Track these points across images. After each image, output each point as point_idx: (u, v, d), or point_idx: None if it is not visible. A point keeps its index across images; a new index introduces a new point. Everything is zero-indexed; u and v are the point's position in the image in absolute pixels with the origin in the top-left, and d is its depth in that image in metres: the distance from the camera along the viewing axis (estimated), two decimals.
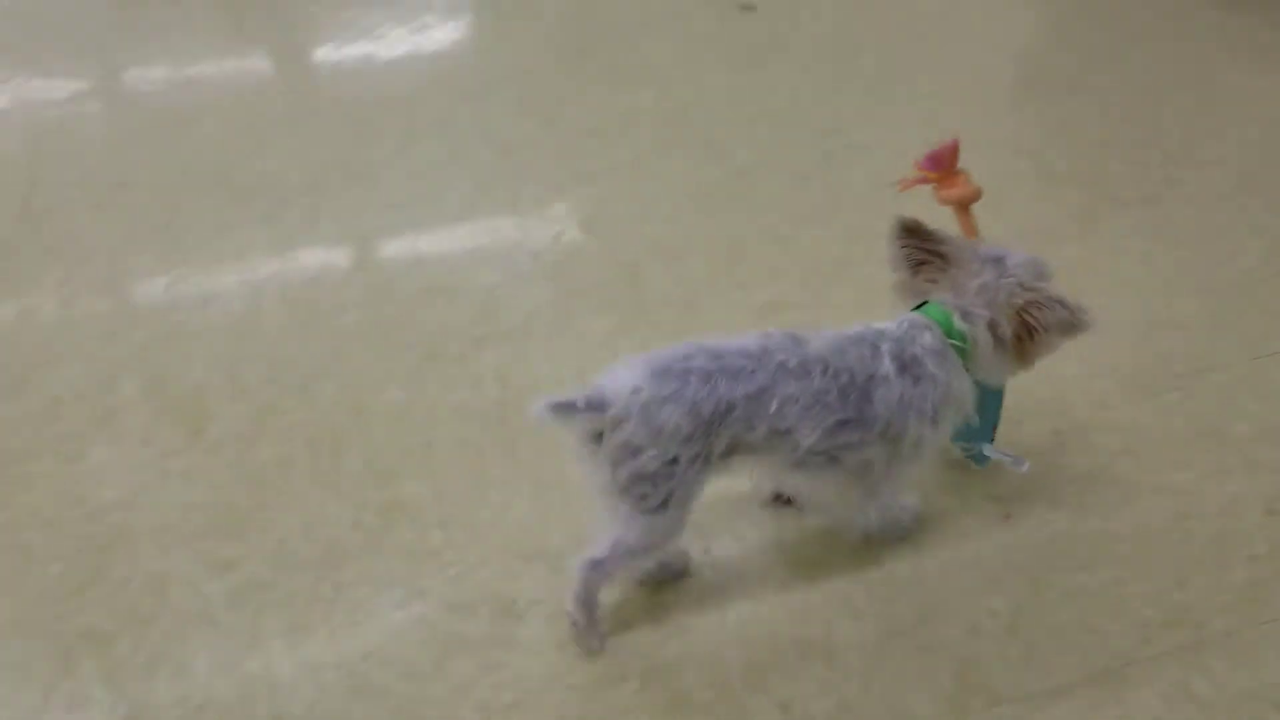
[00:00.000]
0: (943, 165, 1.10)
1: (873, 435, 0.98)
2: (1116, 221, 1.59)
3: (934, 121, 1.78)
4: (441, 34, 2.05)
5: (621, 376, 0.94)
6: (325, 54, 2.02)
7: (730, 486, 1.11)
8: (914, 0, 2.22)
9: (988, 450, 1.15)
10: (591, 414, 0.92)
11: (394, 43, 2.02)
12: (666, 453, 0.92)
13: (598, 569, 0.99)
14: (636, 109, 1.83)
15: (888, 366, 0.98)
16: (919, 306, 1.03)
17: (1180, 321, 1.42)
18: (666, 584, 1.09)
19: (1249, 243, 1.56)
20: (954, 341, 1.00)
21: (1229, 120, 1.82)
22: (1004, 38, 1.89)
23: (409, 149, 1.73)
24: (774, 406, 0.94)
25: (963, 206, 1.10)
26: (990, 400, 1.11)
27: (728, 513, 1.15)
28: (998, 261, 1.00)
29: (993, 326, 0.99)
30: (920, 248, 1.02)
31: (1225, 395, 1.32)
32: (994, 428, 1.17)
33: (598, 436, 0.94)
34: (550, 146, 1.74)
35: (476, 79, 1.90)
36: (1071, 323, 0.98)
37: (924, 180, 1.11)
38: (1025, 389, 1.30)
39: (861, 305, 1.41)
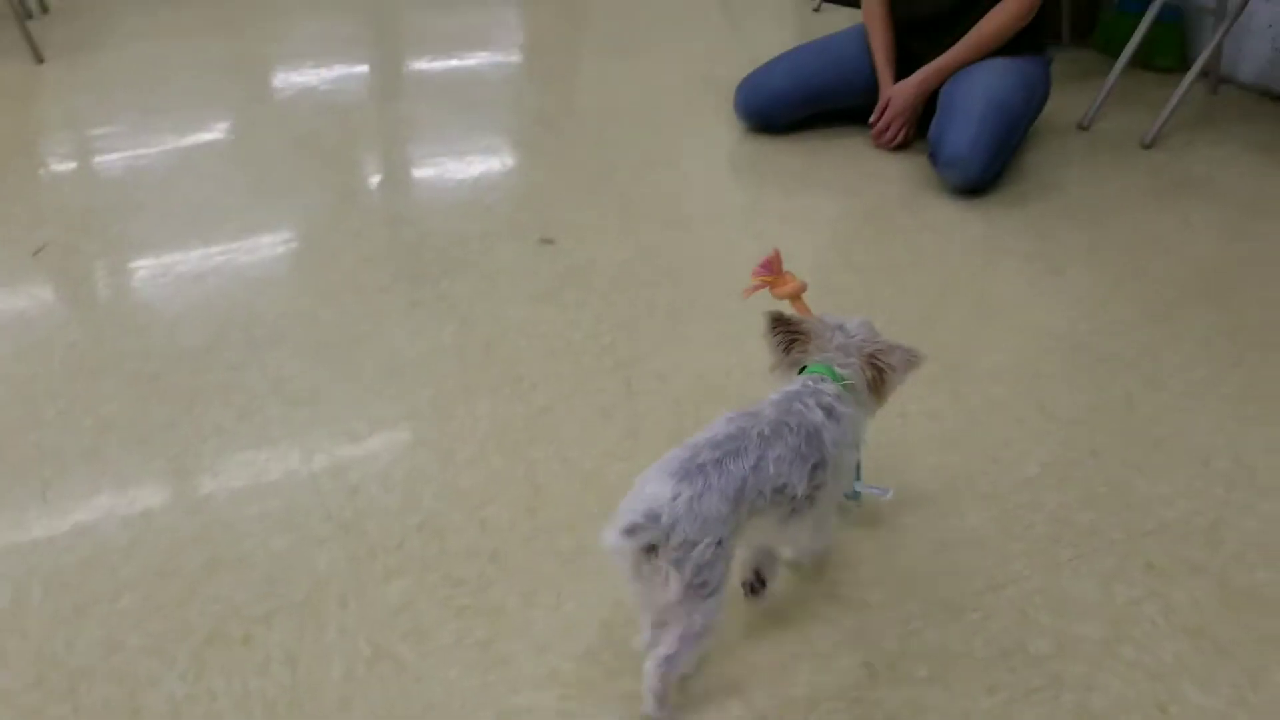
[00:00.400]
0: (773, 270, 1.39)
1: (830, 471, 1.21)
2: (909, 435, 1.65)
3: (735, 349, 1.83)
4: (232, 278, 2.01)
5: (652, 491, 1.09)
6: (108, 306, 1.95)
7: None
8: (707, 231, 2.31)
9: (859, 486, 1.43)
10: (652, 527, 1.06)
11: (181, 286, 1.97)
12: (716, 538, 1.08)
13: (672, 664, 1.14)
14: (437, 348, 1.82)
15: (819, 413, 1.21)
16: (801, 372, 1.27)
17: (974, 537, 1.46)
18: None
19: (1032, 449, 1.64)
20: (844, 384, 1.25)
21: (1004, 327, 1.94)
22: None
23: (194, 408, 1.66)
24: (771, 469, 1.14)
25: (795, 298, 1.39)
26: None
27: None
28: (841, 327, 1.29)
29: (860, 371, 1.26)
30: (787, 332, 1.29)
31: (1021, 612, 1.34)
32: (859, 467, 1.38)
33: (650, 551, 1.08)
34: (345, 393, 1.70)
35: (268, 326, 1.86)
36: (910, 359, 1.27)
37: (761, 285, 1.39)
38: (831, 618, 1.30)
39: None
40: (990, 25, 2.44)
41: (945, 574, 1.40)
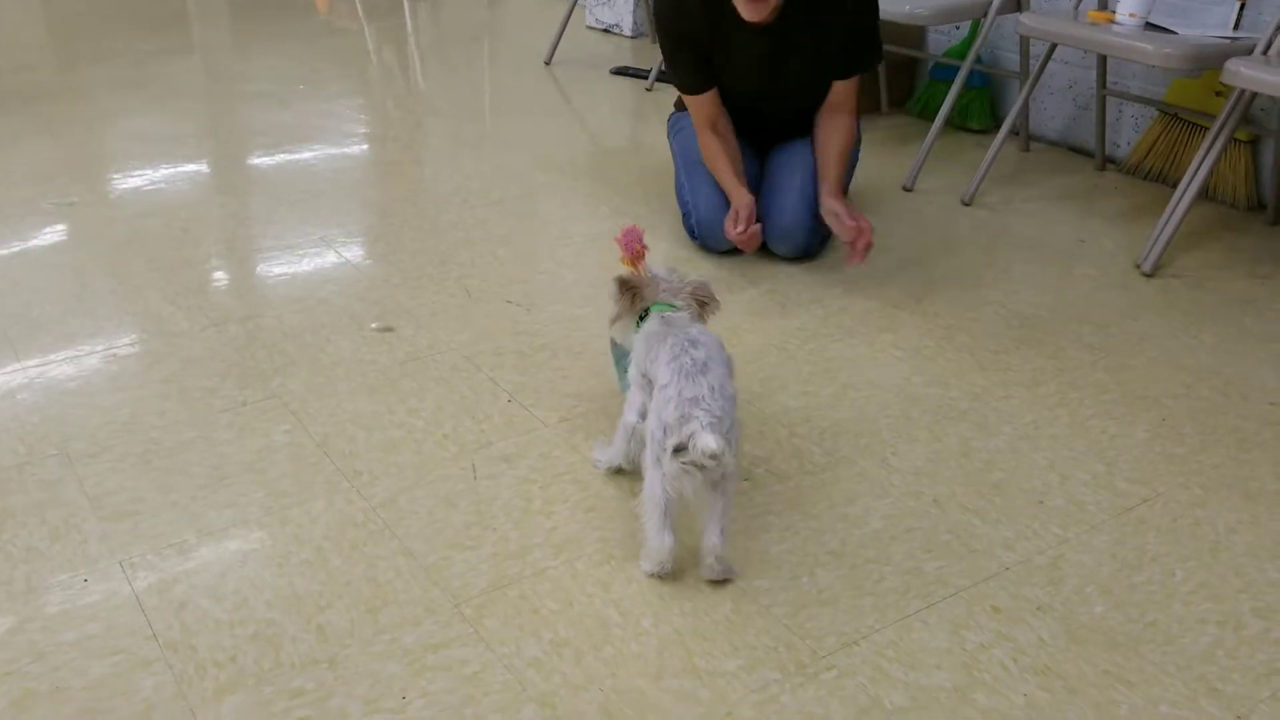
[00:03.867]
0: (632, 248, 1.66)
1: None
2: (756, 497, 1.65)
3: (581, 424, 1.81)
4: (45, 392, 1.90)
5: (704, 418, 1.37)
6: None
7: None
8: (549, 309, 2.30)
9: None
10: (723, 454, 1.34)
11: None
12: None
13: (727, 520, 1.45)
14: (268, 448, 1.74)
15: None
16: (643, 317, 1.60)
17: (826, 596, 1.46)
18: None
19: (875, 503, 1.66)
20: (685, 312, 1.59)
21: (842, 385, 1.97)
22: None
23: (3, 530, 1.54)
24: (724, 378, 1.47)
25: (637, 260, 1.66)
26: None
27: None
28: (664, 277, 1.64)
29: (689, 303, 1.61)
30: (631, 289, 1.60)
31: (875, 667, 1.34)
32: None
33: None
34: (169, 504, 1.61)
35: (86, 439, 1.76)
36: (714, 295, 1.64)
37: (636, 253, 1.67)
38: (688, 692, 1.27)
39: (524, 628, 1.36)
40: (838, 145, 2.47)
41: (799, 635, 1.39)
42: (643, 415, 1.57)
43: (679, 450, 1.35)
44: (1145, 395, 1.98)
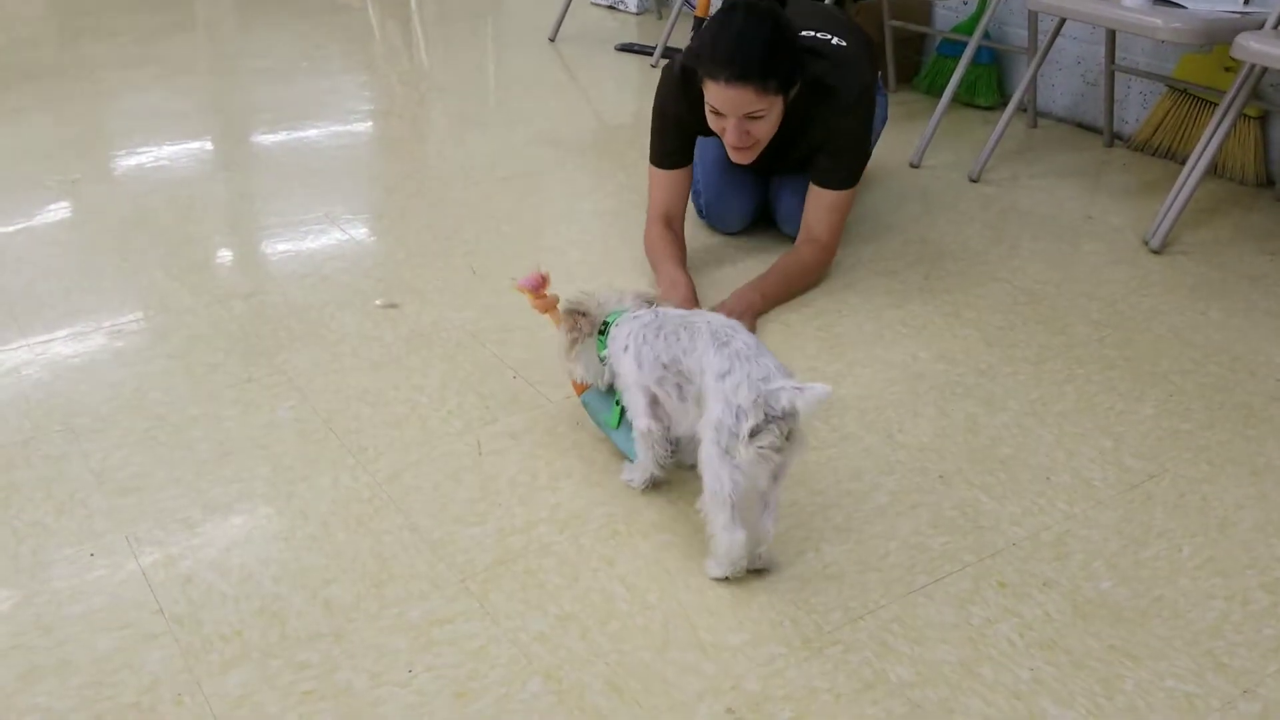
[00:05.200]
0: (537, 289, 1.67)
1: None
2: None
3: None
4: (50, 368, 1.90)
5: (789, 384, 1.34)
6: None
7: None
8: (554, 286, 2.30)
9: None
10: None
11: None
12: None
13: (774, 519, 1.43)
14: (273, 424, 1.74)
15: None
16: (603, 331, 1.59)
17: (831, 571, 1.46)
18: None
19: (882, 479, 1.65)
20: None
21: (849, 362, 1.96)
22: None
23: (9, 507, 1.54)
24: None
25: (550, 310, 1.69)
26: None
27: None
28: (593, 294, 1.62)
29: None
30: (581, 315, 1.60)
31: (881, 642, 1.34)
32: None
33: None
34: (175, 479, 1.61)
35: (91, 415, 1.76)
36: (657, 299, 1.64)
37: (535, 296, 1.68)
38: (692, 665, 1.27)
39: (529, 602, 1.36)
40: (791, 269, 2.22)
41: (805, 610, 1.39)
42: (655, 417, 1.52)
43: (755, 434, 1.31)
44: (1153, 371, 1.97)
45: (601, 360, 1.60)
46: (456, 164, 2.96)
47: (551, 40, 4.28)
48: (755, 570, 1.45)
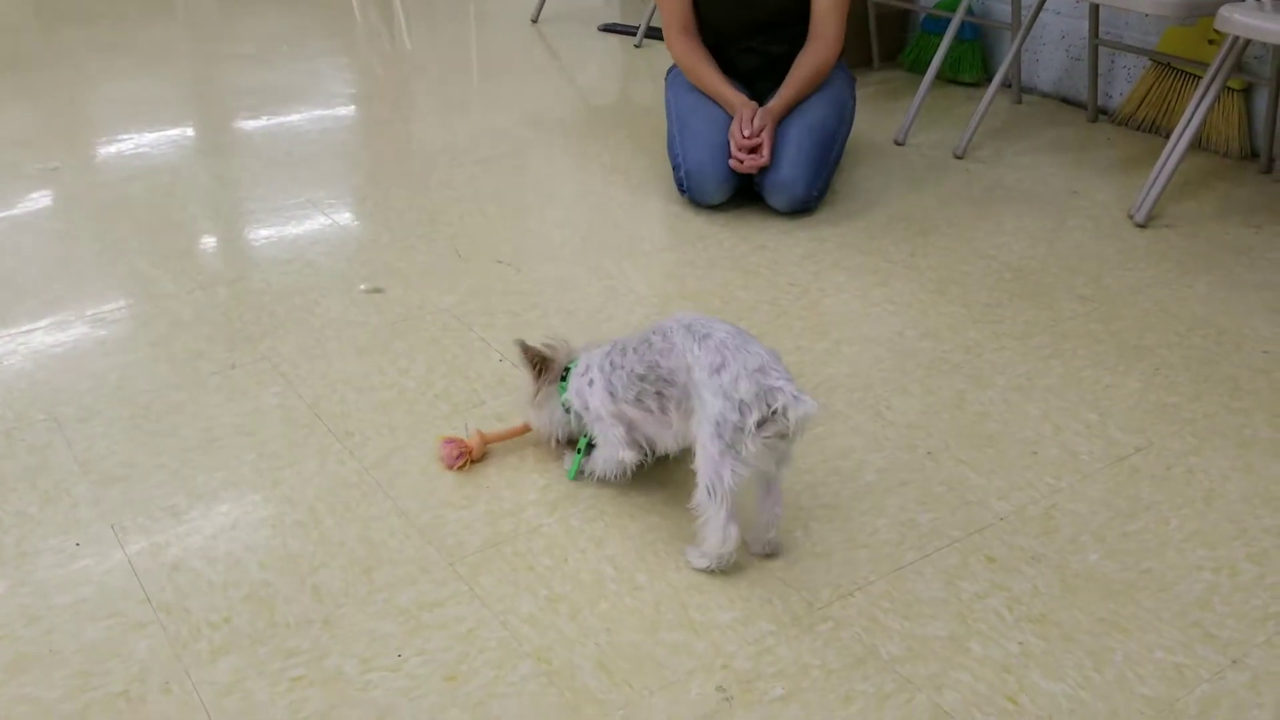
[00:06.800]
0: (463, 453, 1.60)
1: None
2: None
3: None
4: (31, 357, 1.88)
5: (787, 386, 1.31)
6: None
7: None
8: (540, 267, 2.28)
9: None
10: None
11: None
12: None
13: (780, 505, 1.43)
14: (259, 410, 1.73)
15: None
16: (564, 376, 1.56)
17: (820, 549, 1.46)
18: None
19: (869, 456, 1.65)
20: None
21: (836, 340, 1.96)
22: (624, 296, 1.97)
23: None
24: None
25: (486, 444, 1.64)
26: None
27: None
28: (548, 342, 1.59)
29: None
30: (544, 361, 1.56)
31: (870, 618, 1.34)
32: None
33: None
34: (160, 466, 1.60)
35: (74, 404, 1.74)
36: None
37: (464, 460, 1.61)
38: (682, 643, 1.28)
39: (519, 585, 1.35)
40: (806, 68, 2.46)
41: (794, 588, 1.39)
42: (634, 446, 1.49)
43: (761, 425, 1.30)
44: (1139, 345, 1.98)
45: (565, 409, 1.56)
46: (439, 146, 2.94)
47: (534, 21, 4.26)
48: (765, 556, 1.44)
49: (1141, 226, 2.47)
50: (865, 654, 1.29)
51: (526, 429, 1.64)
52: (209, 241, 2.37)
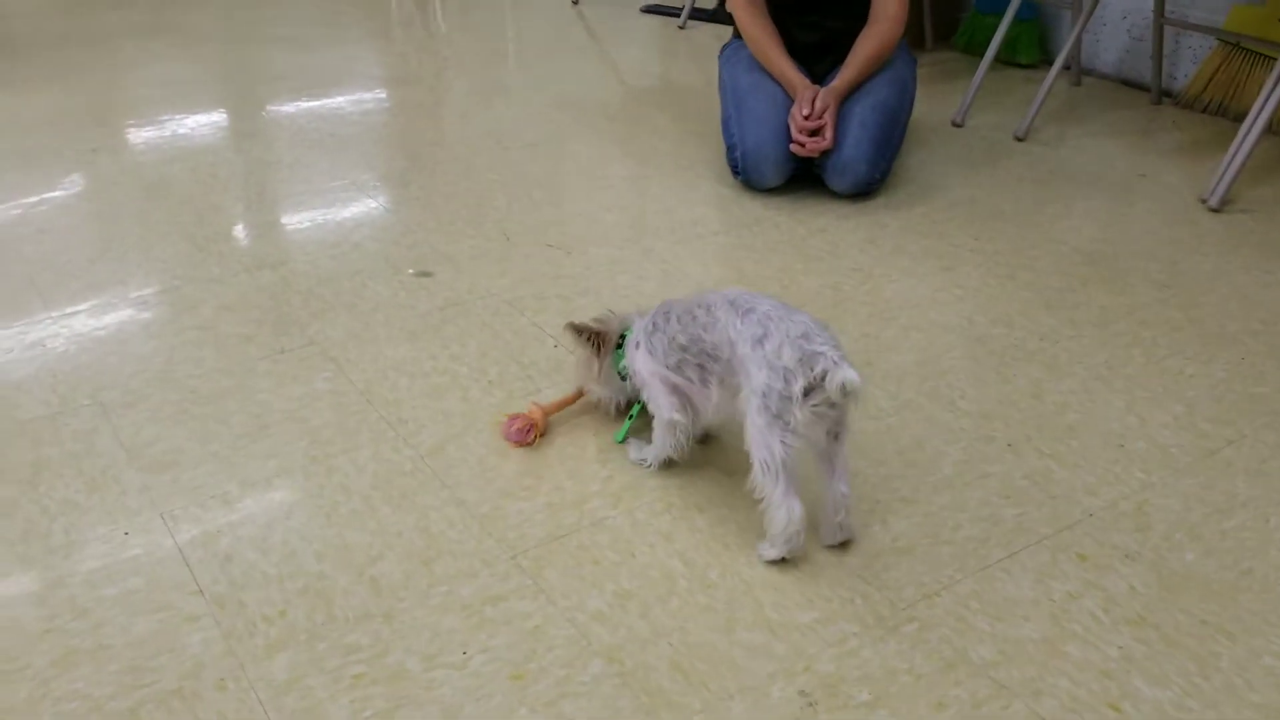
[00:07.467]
0: (527, 433, 1.56)
1: None
2: None
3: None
4: (75, 340, 1.83)
5: (831, 352, 1.25)
6: None
7: None
8: (590, 251, 2.22)
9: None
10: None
11: (19, 354, 1.78)
12: None
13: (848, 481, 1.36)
14: (310, 396, 1.68)
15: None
16: (620, 343, 1.53)
17: (901, 545, 1.39)
18: None
19: (945, 448, 1.58)
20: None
21: (902, 327, 1.88)
22: (680, 278, 1.90)
23: (39, 484, 1.48)
24: None
25: (556, 410, 1.61)
26: None
27: None
28: (604, 316, 1.56)
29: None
30: (596, 334, 1.53)
31: (959, 618, 1.27)
32: None
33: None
34: (210, 454, 1.54)
35: (120, 388, 1.69)
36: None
37: (527, 439, 1.57)
38: (761, 645, 1.21)
39: (585, 579, 1.29)
40: (869, 48, 2.38)
41: (876, 586, 1.31)
42: (681, 409, 1.44)
43: (807, 393, 1.25)
44: (1221, 333, 1.89)
45: (622, 376, 1.53)
46: (482, 130, 2.88)
47: (575, 3, 4.18)
48: (839, 544, 1.38)
49: (1215, 211, 2.38)
50: (955, 658, 1.22)
51: (580, 395, 1.61)
52: (252, 224, 2.31)
